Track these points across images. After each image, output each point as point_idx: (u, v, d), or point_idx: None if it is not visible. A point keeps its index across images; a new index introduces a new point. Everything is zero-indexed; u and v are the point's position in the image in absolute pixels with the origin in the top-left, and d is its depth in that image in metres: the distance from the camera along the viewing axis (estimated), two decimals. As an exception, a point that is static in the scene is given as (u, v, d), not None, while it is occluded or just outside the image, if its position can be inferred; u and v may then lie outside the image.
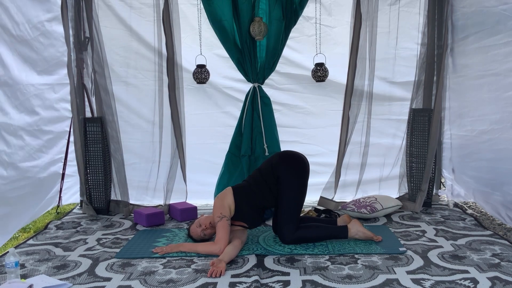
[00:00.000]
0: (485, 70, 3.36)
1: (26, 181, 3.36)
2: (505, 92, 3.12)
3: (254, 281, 2.44)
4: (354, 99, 3.88)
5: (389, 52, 3.92)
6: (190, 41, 3.93)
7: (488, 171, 3.49)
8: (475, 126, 3.58)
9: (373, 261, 2.70)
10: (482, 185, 3.60)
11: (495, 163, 3.35)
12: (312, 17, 3.91)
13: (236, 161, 3.88)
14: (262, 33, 3.67)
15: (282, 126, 4.00)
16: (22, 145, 3.30)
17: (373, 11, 3.77)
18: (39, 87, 3.50)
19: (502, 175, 3.25)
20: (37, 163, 3.54)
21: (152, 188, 4.04)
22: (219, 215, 2.88)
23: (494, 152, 3.34)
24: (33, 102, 3.43)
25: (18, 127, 3.22)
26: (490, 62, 3.28)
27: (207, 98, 4.17)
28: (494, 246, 2.90)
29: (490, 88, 3.32)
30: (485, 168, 3.52)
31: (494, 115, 3.30)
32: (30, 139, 3.41)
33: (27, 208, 3.46)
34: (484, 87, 3.41)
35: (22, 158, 3.29)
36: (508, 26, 3.01)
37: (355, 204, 3.69)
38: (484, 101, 3.43)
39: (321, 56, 3.87)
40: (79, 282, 2.51)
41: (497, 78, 3.21)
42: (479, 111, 3.52)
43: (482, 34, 3.37)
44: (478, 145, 3.56)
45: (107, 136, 3.85)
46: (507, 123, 3.14)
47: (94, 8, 3.74)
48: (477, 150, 3.59)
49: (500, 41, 3.13)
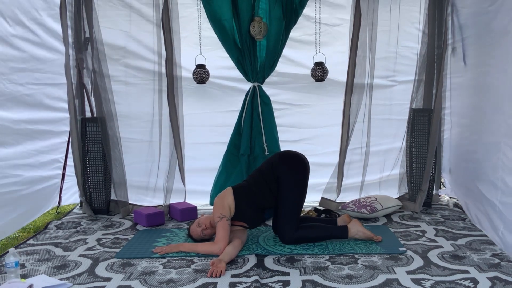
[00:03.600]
0: (485, 70, 3.35)
1: (27, 181, 3.37)
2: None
3: (254, 281, 2.44)
4: (354, 98, 3.87)
5: (390, 50, 3.92)
6: (190, 40, 3.92)
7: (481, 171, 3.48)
8: (474, 126, 3.57)
9: (373, 261, 2.70)
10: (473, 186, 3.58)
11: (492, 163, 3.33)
12: (312, 16, 3.90)
13: (235, 161, 3.87)
14: (262, 33, 3.66)
15: (281, 126, 3.98)
16: (22, 145, 3.31)
17: (373, 9, 3.76)
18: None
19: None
20: (37, 163, 3.55)
21: (151, 188, 4.03)
22: (219, 215, 2.87)
23: (492, 153, 3.33)
24: (34, 101, 3.44)
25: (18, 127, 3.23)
26: (489, 63, 3.27)
27: (206, 98, 4.14)
28: (494, 246, 2.89)
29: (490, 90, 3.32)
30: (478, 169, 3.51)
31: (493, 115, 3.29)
32: (30, 138, 3.42)
33: (27, 208, 3.46)
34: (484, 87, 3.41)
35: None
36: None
37: (355, 204, 3.69)
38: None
39: (321, 55, 3.87)
40: (79, 282, 2.51)
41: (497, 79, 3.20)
42: (478, 110, 3.52)
43: (482, 34, 3.37)
44: (476, 145, 3.55)
45: (107, 136, 3.84)
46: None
47: (94, 8, 3.73)
48: (473, 150, 3.59)
49: (499, 42, 3.12)
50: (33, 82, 3.45)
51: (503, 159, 2.88)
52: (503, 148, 2.88)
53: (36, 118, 3.53)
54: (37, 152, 3.59)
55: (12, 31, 3.13)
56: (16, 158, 3.28)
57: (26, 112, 3.38)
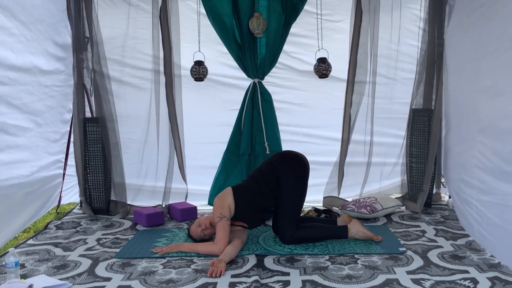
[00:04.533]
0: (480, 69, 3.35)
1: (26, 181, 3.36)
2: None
3: (254, 281, 2.44)
4: (355, 97, 3.86)
5: (391, 48, 3.90)
6: (189, 37, 3.89)
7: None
8: (472, 126, 3.56)
9: (373, 261, 2.70)
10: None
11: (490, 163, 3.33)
12: (314, 11, 3.87)
13: (234, 160, 3.85)
14: (261, 28, 3.64)
15: (281, 124, 3.96)
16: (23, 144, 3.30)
17: (374, 7, 3.75)
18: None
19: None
20: (37, 163, 3.54)
21: (151, 188, 4.03)
22: (219, 215, 2.88)
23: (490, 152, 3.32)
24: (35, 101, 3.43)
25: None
26: (485, 60, 3.27)
27: (205, 96, 4.11)
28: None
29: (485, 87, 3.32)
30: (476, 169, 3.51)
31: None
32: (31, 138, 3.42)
33: (27, 208, 3.46)
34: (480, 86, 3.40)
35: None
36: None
37: (355, 204, 3.69)
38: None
39: (323, 51, 3.85)
40: (79, 282, 2.51)
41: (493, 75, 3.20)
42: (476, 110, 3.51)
43: (477, 33, 3.36)
44: (473, 144, 3.54)
45: (107, 136, 3.84)
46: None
47: (93, 8, 3.73)
48: (470, 149, 3.58)
49: (495, 40, 3.12)
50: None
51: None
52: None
53: (37, 118, 3.52)
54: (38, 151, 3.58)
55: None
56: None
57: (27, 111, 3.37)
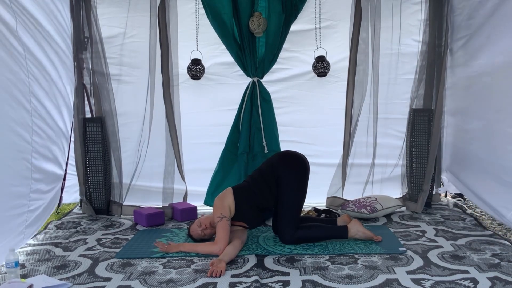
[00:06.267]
0: (481, 70, 3.36)
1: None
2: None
3: (254, 281, 2.44)
4: (356, 96, 3.85)
5: (393, 47, 3.88)
6: (187, 36, 3.88)
7: (481, 169, 3.48)
8: (471, 125, 3.57)
9: (373, 261, 2.70)
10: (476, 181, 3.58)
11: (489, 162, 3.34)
12: (313, 11, 3.86)
13: (232, 159, 3.84)
14: (261, 28, 3.63)
15: (281, 125, 3.95)
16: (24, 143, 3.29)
17: (374, 6, 3.74)
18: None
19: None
20: (37, 163, 3.54)
21: (151, 189, 4.02)
22: (219, 215, 2.88)
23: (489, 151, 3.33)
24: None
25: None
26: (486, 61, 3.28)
27: (204, 95, 4.09)
28: (494, 246, 2.90)
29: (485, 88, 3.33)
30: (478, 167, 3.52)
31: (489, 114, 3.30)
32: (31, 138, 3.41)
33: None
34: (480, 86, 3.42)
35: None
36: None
37: (355, 204, 3.69)
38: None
39: (322, 50, 3.84)
40: (79, 282, 2.51)
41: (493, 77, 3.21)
42: (476, 110, 3.52)
43: (478, 33, 3.37)
44: (473, 144, 3.55)
45: (107, 136, 3.84)
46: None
47: (93, 7, 3.73)
48: (470, 148, 3.59)
49: (494, 41, 3.13)
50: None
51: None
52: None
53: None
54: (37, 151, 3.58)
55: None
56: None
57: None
